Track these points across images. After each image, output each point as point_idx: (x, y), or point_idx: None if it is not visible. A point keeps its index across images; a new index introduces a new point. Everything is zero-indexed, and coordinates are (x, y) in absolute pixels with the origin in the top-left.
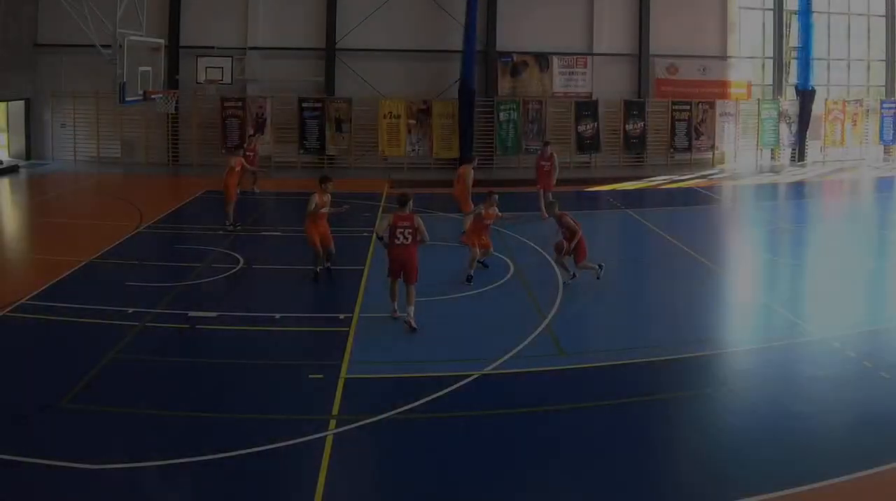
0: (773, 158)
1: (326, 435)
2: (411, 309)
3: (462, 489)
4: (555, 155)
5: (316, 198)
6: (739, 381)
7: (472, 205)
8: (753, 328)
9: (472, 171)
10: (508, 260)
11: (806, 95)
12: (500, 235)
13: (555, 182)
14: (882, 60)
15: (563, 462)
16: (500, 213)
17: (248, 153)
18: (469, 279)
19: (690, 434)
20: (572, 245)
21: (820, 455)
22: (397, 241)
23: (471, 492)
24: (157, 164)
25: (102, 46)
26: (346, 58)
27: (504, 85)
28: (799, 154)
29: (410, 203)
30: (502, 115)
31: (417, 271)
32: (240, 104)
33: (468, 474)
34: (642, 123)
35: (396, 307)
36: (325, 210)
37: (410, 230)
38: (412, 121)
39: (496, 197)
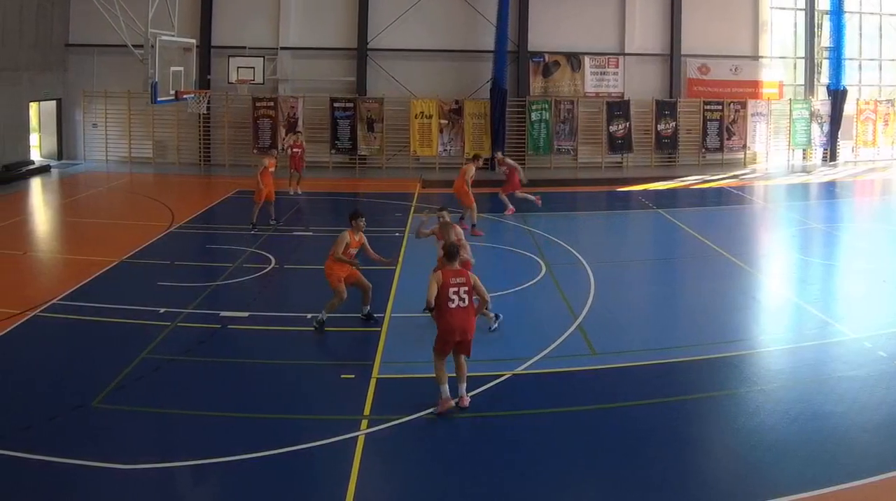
0: (804, 158)
1: (358, 435)
2: (464, 386)
3: (493, 489)
4: (508, 159)
5: (347, 238)
6: (771, 381)
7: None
8: (785, 328)
9: (474, 169)
10: (540, 260)
11: (837, 95)
12: (530, 235)
13: (518, 184)
14: None
15: (595, 461)
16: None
17: (294, 150)
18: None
19: (722, 433)
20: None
21: (851, 454)
22: (452, 304)
23: (502, 492)
24: (188, 164)
25: (134, 46)
26: (377, 58)
27: (536, 85)
28: (830, 154)
29: (460, 255)
30: (534, 115)
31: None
32: (271, 104)
33: (499, 474)
34: (674, 123)
35: (447, 393)
36: (354, 251)
37: (467, 288)
38: (444, 121)
39: (445, 213)
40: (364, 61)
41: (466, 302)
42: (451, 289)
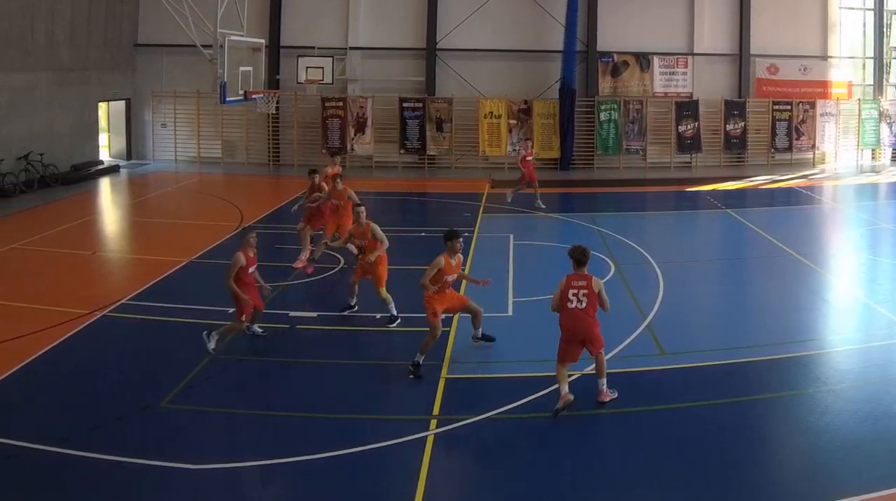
0: (873, 158)
1: (427, 435)
2: (603, 381)
3: (562, 488)
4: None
5: (441, 263)
6: (840, 381)
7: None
8: (854, 328)
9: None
10: (609, 260)
11: None
12: (600, 235)
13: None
14: None
15: (664, 461)
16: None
17: (528, 159)
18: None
19: (791, 433)
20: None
21: None
22: (570, 305)
23: (571, 493)
24: (257, 164)
25: (203, 46)
26: (446, 57)
27: (605, 85)
28: None
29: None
30: (603, 115)
31: (601, 338)
32: (340, 104)
33: (568, 473)
34: (743, 123)
35: (566, 389)
36: (451, 278)
37: (586, 292)
38: (513, 121)
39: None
40: (433, 61)
41: (584, 304)
42: (571, 292)
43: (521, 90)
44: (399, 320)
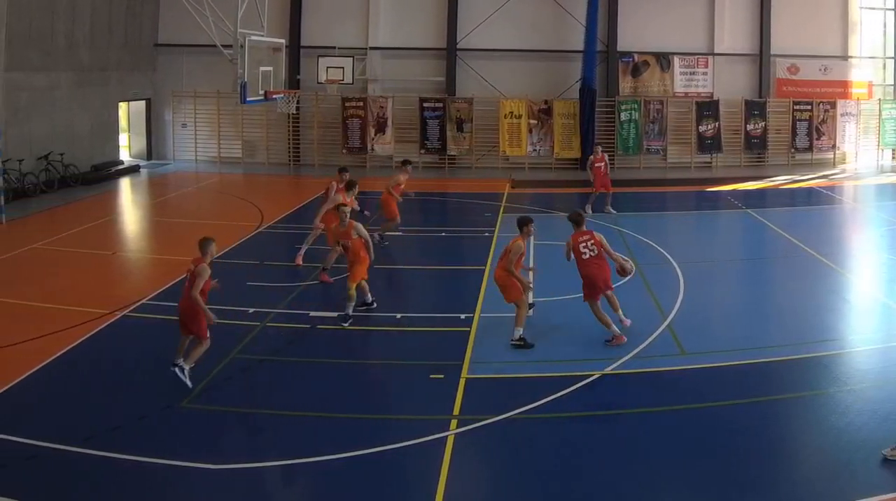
0: (893, 158)
1: (447, 435)
2: (619, 313)
3: (583, 488)
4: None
5: (522, 247)
6: (860, 381)
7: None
8: (874, 327)
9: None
10: (629, 260)
11: None
12: (620, 235)
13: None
14: None
15: (685, 461)
16: None
17: (597, 164)
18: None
19: (811, 433)
20: None
21: None
22: (584, 256)
23: (591, 492)
24: (277, 164)
25: (223, 46)
26: (466, 58)
27: (625, 85)
28: None
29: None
30: (623, 115)
31: (610, 281)
32: (361, 104)
33: (589, 474)
34: (763, 123)
35: (617, 330)
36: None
37: (593, 242)
38: (533, 121)
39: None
40: (453, 61)
41: (595, 252)
42: (581, 245)
43: (542, 90)
44: (352, 320)
